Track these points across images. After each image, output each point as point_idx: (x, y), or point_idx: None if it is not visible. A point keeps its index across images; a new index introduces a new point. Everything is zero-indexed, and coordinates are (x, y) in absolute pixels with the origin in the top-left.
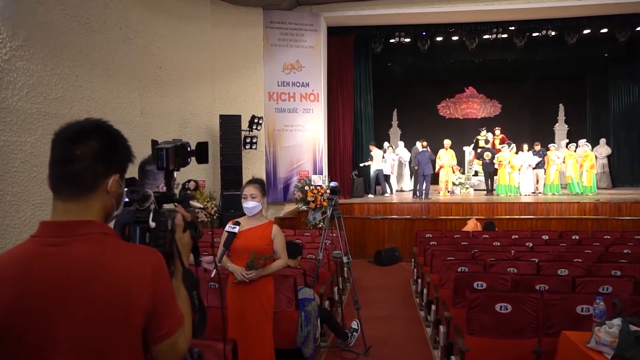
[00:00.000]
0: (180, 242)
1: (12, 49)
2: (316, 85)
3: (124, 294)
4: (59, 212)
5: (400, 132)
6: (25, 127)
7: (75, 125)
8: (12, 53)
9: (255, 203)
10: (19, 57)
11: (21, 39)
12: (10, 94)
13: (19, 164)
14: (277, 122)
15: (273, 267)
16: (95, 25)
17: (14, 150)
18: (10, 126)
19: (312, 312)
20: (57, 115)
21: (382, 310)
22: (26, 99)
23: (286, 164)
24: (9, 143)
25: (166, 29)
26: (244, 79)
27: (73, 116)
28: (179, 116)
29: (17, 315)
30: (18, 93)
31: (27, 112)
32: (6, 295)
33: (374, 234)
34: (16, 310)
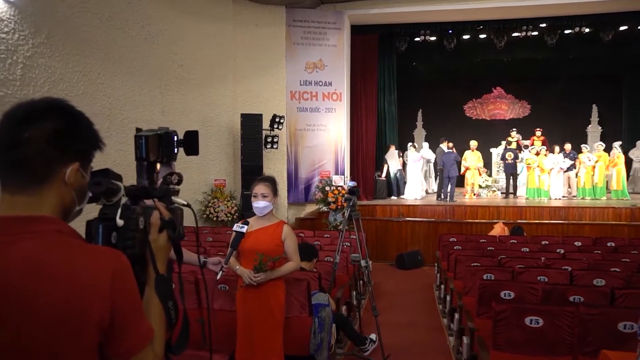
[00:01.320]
0: (155, 244)
1: (34, 46)
2: (339, 85)
3: (74, 303)
4: (5, 205)
5: (425, 133)
6: None
7: (27, 105)
8: (35, 50)
9: (266, 203)
10: (41, 54)
11: (43, 35)
12: (32, 90)
13: None
14: (299, 121)
15: (283, 270)
16: (118, 22)
17: None
18: None
19: (326, 319)
20: None
21: (403, 317)
22: (48, 95)
23: (307, 164)
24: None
25: (188, 28)
26: (265, 78)
27: (94, 113)
28: (200, 115)
29: None
30: (40, 90)
31: None
32: None
33: (396, 237)
34: None
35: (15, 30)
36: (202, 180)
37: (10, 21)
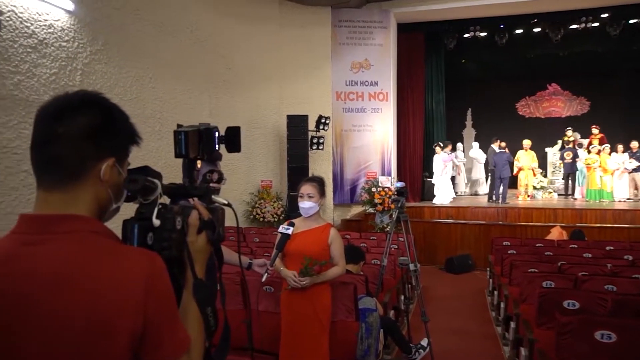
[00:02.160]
0: (193, 246)
1: (91, 53)
2: (385, 84)
3: (104, 310)
4: (40, 203)
5: (475, 133)
6: None
7: (61, 99)
8: (92, 57)
9: (312, 203)
10: (97, 60)
11: (100, 43)
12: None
13: None
14: (344, 122)
15: (329, 274)
16: (168, 28)
17: None
18: None
19: (373, 324)
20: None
21: (453, 323)
22: None
23: (353, 165)
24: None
25: (235, 31)
26: (311, 79)
27: (147, 116)
28: (247, 116)
29: None
30: None
31: None
32: None
33: (445, 240)
34: None
35: (74, 38)
36: (249, 181)
37: (70, 30)
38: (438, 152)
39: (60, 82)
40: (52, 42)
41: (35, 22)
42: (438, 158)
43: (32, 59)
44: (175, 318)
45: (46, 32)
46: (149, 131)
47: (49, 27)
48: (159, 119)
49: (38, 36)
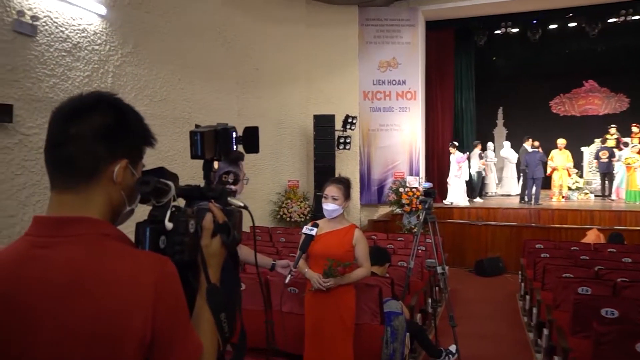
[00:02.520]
0: (207, 250)
1: (122, 56)
2: (413, 83)
3: (111, 316)
4: (53, 205)
5: (507, 132)
6: None
7: (74, 100)
8: (123, 59)
9: (336, 206)
10: (128, 62)
11: (130, 45)
12: (121, 97)
13: None
14: (371, 121)
15: (353, 276)
16: (196, 30)
17: None
18: None
19: (399, 328)
20: (161, 116)
21: (483, 328)
22: (134, 101)
23: (381, 165)
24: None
25: (263, 32)
26: (338, 78)
27: (175, 117)
28: (275, 116)
29: None
30: (127, 96)
31: None
32: None
33: (474, 242)
34: None
35: (106, 42)
36: (276, 181)
37: (103, 34)
38: (452, 152)
39: (92, 84)
40: (86, 45)
41: (70, 27)
42: (452, 158)
43: (66, 62)
44: (187, 325)
45: (80, 36)
46: (178, 132)
47: (83, 32)
48: (188, 119)
49: (72, 40)
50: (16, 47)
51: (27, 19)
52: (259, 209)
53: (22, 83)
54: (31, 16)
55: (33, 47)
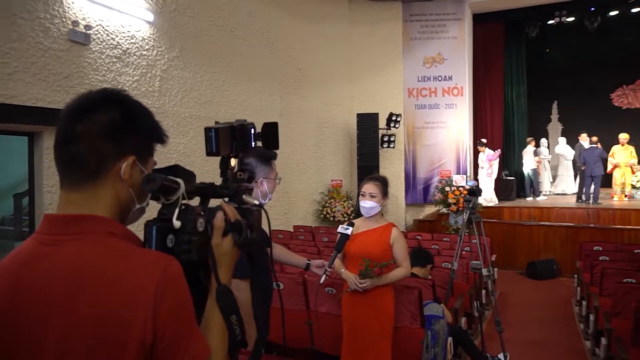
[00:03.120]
0: (218, 250)
1: (169, 60)
2: (460, 79)
3: (113, 317)
4: (62, 203)
5: (562, 127)
6: (179, 130)
7: (82, 98)
8: (170, 63)
9: (374, 203)
10: (174, 66)
11: (177, 50)
12: (168, 100)
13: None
14: (417, 119)
15: (391, 277)
16: (240, 33)
17: (170, 150)
18: (167, 129)
19: (440, 332)
20: (206, 117)
21: (535, 334)
22: (180, 104)
23: (426, 164)
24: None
25: (305, 32)
26: (382, 76)
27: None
28: (318, 116)
29: (5, 326)
30: (174, 99)
31: (181, 116)
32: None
33: (526, 243)
34: (4, 324)
35: (154, 47)
36: (319, 181)
37: (150, 39)
38: (482, 150)
39: (141, 88)
40: (134, 51)
41: (120, 34)
42: (482, 157)
43: (117, 68)
44: (192, 327)
45: (129, 43)
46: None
47: (132, 38)
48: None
49: (122, 47)
50: (71, 55)
51: (81, 29)
52: (302, 209)
53: (77, 89)
54: (85, 25)
55: (87, 54)
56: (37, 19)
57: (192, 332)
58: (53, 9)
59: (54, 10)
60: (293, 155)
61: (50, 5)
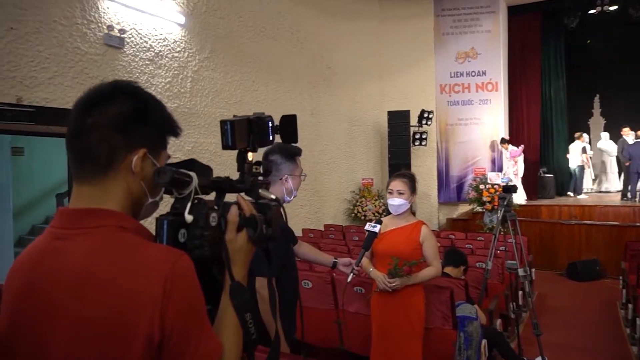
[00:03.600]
0: (232, 245)
1: (200, 61)
2: (494, 74)
3: (120, 315)
4: (74, 197)
5: (604, 122)
6: (210, 130)
7: (92, 90)
8: (200, 64)
9: (402, 201)
10: (205, 67)
11: (207, 51)
12: (199, 101)
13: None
14: (449, 116)
15: (421, 276)
16: (269, 32)
17: (202, 150)
18: (199, 129)
19: (473, 334)
20: None
21: (576, 339)
22: (211, 104)
23: (460, 161)
24: (198, 144)
25: (335, 30)
26: (413, 73)
27: None
28: (348, 114)
29: (17, 322)
30: (205, 100)
31: (212, 116)
32: (14, 296)
33: (566, 242)
34: (17, 316)
35: (185, 49)
36: (350, 179)
37: (182, 41)
38: (505, 147)
39: (173, 89)
40: (166, 53)
41: (152, 37)
42: (505, 155)
43: (149, 70)
44: (203, 325)
45: (161, 45)
46: None
47: (164, 40)
48: None
49: (155, 49)
50: (107, 59)
51: (115, 33)
52: (332, 208)
53: None
54: (119, 29)
55: (121, 57)
56: (75, 24)
57: (203, 330)
58: (90, 15)
59: (91, 16)
60: (324, 154)
61: (87, 11)
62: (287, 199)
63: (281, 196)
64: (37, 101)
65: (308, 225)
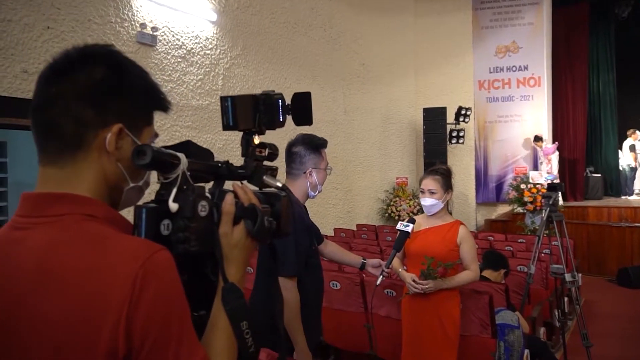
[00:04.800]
0: (227, 240)
1: (232, 58)
2: (537, 68)
3: (80, 319)
4: (39, 180)
5: None
6: None
7: (60, 56)
8: (232, 62)
9: (434, 201)
10: (237, 64)
11: (239, 48)
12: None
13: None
14: (488, 113)
15: (457, 280)
16: (302, 29)
17: (234, 148)
18: None
19: (515, 344)
20: None
21: (628, 351)
22: None
23: (499, 160)
24: (229, 142)
25: (369, 26)
26: (450, 69)
27: None
28: (382, 112)
29: None
30: None
31: None
32: None
33: (617, 247)
34: None
35: (217, 46)
36: (384, 178)
37: (213, 39)
38: (539, 145)
39: (205, 87)
40: (198, 51)
41: (185, 35)
42: (540, 153)
43: (181, 67)
44: (182, 334)
45: (193, 43)
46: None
47: (196, 38)
48: None
49: (186, 47)
50: (139, 57)
51: (148, 31)
52: (366, 207)
53: None
54: (152, 27)
55: (153, 55)
56: (108, 23)
57: (182, 340)
58: (123, 13)
59: (124, 14)
60: (357, 152)
61: (120, 10)
62: (311, 194)
63: (305, 191)
64: None
65: (340, 225)
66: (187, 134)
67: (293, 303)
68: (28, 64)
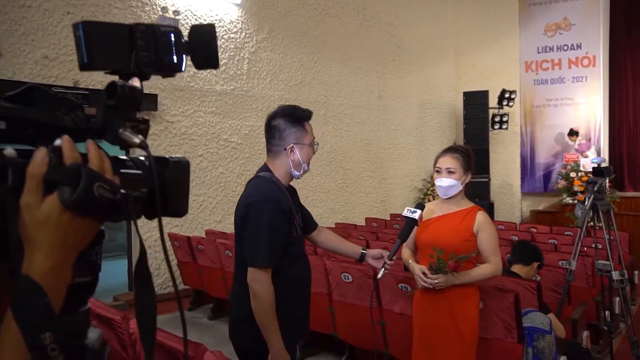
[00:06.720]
0: (31, 215)
1: (257, 42)
2: (592, 47)
3: None
4: None
5: None
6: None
7: None
8: (258, 45)
9: (453, 181)
10: (263, 48)
11: (265, 31)
12: (256, 83)
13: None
14: (536, 96)
15: (473, 275)
16: (333, 11)
17: (260, 134)
18: (257, 112)
19: (545, 350)
20: (296, 100)
21: None
22: (269, 86)
23: (548, 147)
24: (255, 127)
25: (405, 6)
26: (494, 50)
27: (311, 101)
28: (419, 97)
29: None
30: (263, 82)
31: (270, 99)
32: None
33: None
34: None
35: (242, 29)
36: (421, 166)
37: (238, 22)
38: (573, 140)
39: (229, 71)
40: (222, 34)
41: (208, 18)
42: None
43: None
44: None
45: (217, 26)
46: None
47: (220, 21)
48: (324, 103)
49: None
50: None
51: (170, 14)
52: (401, 196)
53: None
54: (173, 11)
55: None
56: (129, 7)
57: None
58: None
59: None
60: (392, 138)
61: None
62: (295, 173)
63: (288, 170)
64: (92, 84)
65: (374, 214)
66: (211, 119)
67: (266, 298)
68: (48, 49)
